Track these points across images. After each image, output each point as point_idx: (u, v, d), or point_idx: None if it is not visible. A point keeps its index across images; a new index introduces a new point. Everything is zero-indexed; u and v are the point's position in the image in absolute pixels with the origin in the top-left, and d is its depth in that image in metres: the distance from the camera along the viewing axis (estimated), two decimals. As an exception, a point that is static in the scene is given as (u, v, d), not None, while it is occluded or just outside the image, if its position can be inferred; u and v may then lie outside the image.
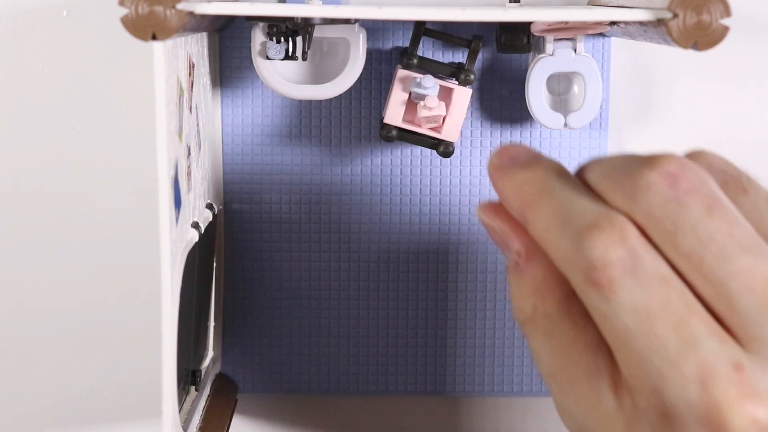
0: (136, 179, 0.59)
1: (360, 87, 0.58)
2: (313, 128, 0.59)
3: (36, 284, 0.60)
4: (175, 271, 0.43)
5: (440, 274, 0.60)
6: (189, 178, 0.48)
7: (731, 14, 0.40)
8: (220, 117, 0.58)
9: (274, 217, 0.59)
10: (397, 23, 0.58)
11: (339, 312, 0.60)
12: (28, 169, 0.59)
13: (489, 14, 0.42)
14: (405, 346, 0.60)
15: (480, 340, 0.60)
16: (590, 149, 0.59)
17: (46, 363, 0.61)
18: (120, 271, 0.60)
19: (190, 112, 0.49)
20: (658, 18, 0.41)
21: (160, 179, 0.41)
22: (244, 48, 0.57)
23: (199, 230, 0.49)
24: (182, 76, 0.46)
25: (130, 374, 0.61)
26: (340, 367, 0.61)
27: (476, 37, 0.56)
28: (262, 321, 0.60)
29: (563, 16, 0.45)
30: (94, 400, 0.61)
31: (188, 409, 0.52)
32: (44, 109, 0.59)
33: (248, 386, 0.61)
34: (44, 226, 0.60)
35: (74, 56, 0.58)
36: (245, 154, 0.59)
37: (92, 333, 0.61)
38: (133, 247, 0.60)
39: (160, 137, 0.41)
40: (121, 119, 0.59)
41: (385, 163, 0.59)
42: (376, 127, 0.58)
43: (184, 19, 0.40)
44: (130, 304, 0.60)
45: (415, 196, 0.59)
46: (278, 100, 0.58)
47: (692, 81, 0.60)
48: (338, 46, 0.55)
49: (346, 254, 0.60)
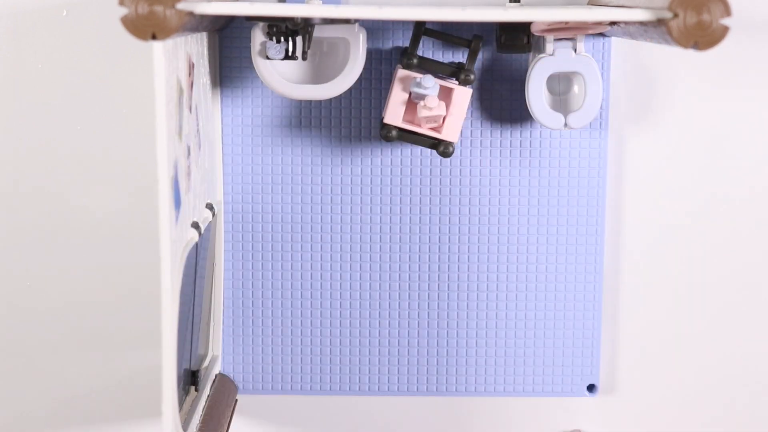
0: (136, 179, 0.59)
1: (360, 87, 0.58)
2: (313, 128, 0.59)
3: (36, 284, 0.60)
4: (175, 271, 0.43)
5: (440, 274, 0.60)
6: (189, 178, 0.48)
7: (731, 14, 0.40)
8: (220, 117, 0.58)
9: (274, 217, 0.59)
10: (397, 23, 0.58)
11: (339, 312, 0.60)
12: (28, 169, 0.59)
13: (489, 14, 0.42)
14: (405, 346, 0.60)
15: (480, 340, 0.60)
16: (590, 149, 0.59)
17: (46, 363, 0.61)
18: (120, 271, 0.60)
19: (190, 112, 0.49)
20: (658, 18, 0.41)
21: (160, 179, 0.41)
22: (244, 48, 0.57)
23: (199, 230, 0.49)
24: (182, 76, 0.46)
25: (130, 374, 0.61)
26: (340, 367, 0.61)
27: (476, 37, 0.56)
28: (262, 321, 0.60)
29: (563, 16, 0.45)
30: (94, 400, 0.61)
31: (188, 409, 0.52)
32: (44, 109, 0.59)
33: (248, 386, 0.61)
34: (44, 226, 0.60)
35: (74, 56, 0.58)
36: (245, 154, 0.59)
37: (92, 333, 0.61)
38: (133, 247, 0.60)
39: (160, 137, 0.41)
40: (121, 119, 0.59)
41: (385, 163, 0.59)
42: (376, 127, 0.58)
43: (183, 19, 0.40)
44: (130, 304, 0.60)
45: (415, 195, 0.59)
46: (278, 100, 0.58)
47: (692, 81, 0.60)
48: (338, 46, 0.55)
49: (347, 254, 0.60)
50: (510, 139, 0.59)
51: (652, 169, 0.60)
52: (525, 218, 0.59)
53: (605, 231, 0.60)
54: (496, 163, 0.59)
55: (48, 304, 0.61)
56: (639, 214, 0.61)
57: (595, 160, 0.59)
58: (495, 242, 0.60)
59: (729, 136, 0.60)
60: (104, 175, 0.59)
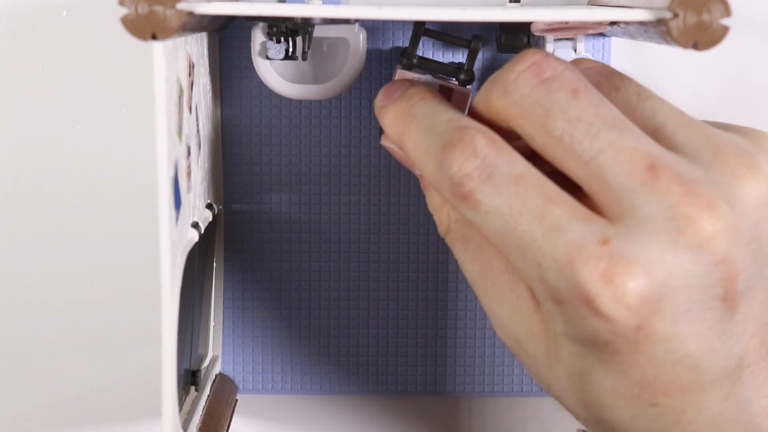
0: (136, 179, 0.59)
1: (360, 87, 0.58)
2: (313, 128, 0.59)
3: (36, 284, 0.60)
4: (175, 271, 0.43)
5: (440, 274, 0.60)
6: (189, 178, 0.48)
7: (731, 14, 0.40)
8: (220, 117, 0.58)
9: (274, 217, 0.59)
10: (397, 23, 0.58)
11: (339, 312, 0.60)
12: (28, 169, 0.59)
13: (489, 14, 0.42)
14: (405, 346, 0.60)
15: (480, 340, 0.60)
16: (590, 149, 0.59)
17: (46, 363, 0.61)
18: (120, 271, 0.60)
19: (190, 112, 0.49)
20: (658, 18, 0.41)
21: (160, 179, 0.41)
22: (244, 48, 0.57)
23: (199, 230, 0.49)
24: (182, 76, 0.46)
25: (130, 374, 0.61)
26: (340, 367, 0.61)
27: (476, 37, 0.56)
28: (262, 321, 0.60)
29: (563, 16, 0.45)
30: (94, 400, 0.61)
31: (188, 409, 0.52)
32: (44, 109, 0.59)
33: (248, 386, 0.61)
34: (44, 226, 0.60)
35: (74, 56, 0.58)
36: (245, 154, 0.59)
37: (92, 333, 0.61)
38: (133, 247, 0.60)
39: (160, 137, 0.41)
40: (121, 119, 0.59)
41: (385, 163, 0.59)
42: (376, 127, 0.58)
43: (184, 19, 0.40)
44: (130, 304, 0.60)
45: (414, 196, 0.59)
46: (278, 100, 0.58)
47: (692, 81, 0.60)
48: (338, 46, 0.55)
49: (346, 254, 0.60)
50: (510, 139, 0.59)
51: (652, 169, 0.60)
52: (525, 218, 0.59)
53: (605, 231, 0.60)
54: (496, 163, 0.59)
55: (48, 303, 0.61)
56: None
57: (595, 160, 0.59)
58: (495, 242, 0.60)
59: (729, 136, 0.60)
60: (104, 175, 0.59)
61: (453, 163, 0.37)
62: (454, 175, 0.37)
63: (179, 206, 0.45)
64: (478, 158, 0.37)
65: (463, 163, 0.37)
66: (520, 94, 0.38)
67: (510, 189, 0.37)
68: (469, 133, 0.37)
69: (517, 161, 0.37)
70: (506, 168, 0.37)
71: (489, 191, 0.37)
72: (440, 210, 0.42)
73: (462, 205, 0.37)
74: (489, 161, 0.37)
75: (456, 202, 0.38)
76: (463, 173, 0.37)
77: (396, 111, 0.42)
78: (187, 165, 0.47)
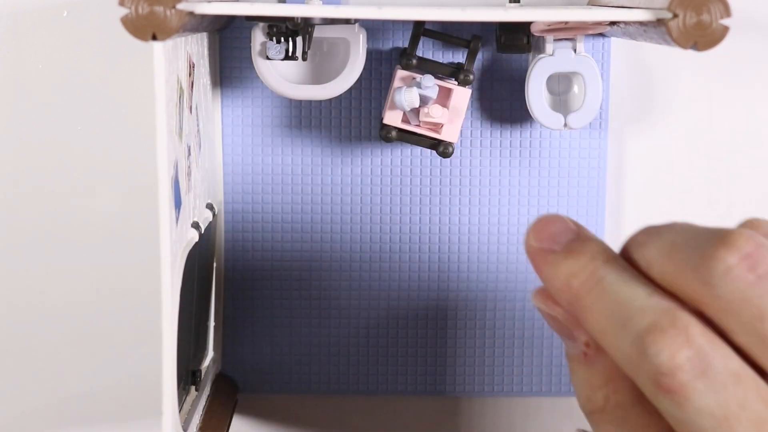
0: (136, 179, 0.59)
1: (360, 87, 0.58)
2: (313, 128, 0.59)
3: (36, 284, 0.60)
4: (175, 271, 0.43)
5: (440, 274, 0.60)
6: (189, 178, 0.48)
7: (731, 14, 0.40)
8: (220, 117, 0.58)
9: (275, 217, 0.59)
10: (397, 23, 0.58)
11: (339, 312, 0.60)
12: (28, 169, 0.59)
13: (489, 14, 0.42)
14: (405, 346, 0.60)
15: (480, 340, 0.60)
16: (590, 149, 0.59)
17: (46, 363, 0.61)
18: (120, 271, 0.60)
19: (190, 112, 0.49)
20: (658, 18, 0.41)
21: (160, 179, 0.41)
22: (244, 48, 0.57)
23: (199, 230, 0.49)
24: (182, 76, 0.46)
25: (130, 374, 0.61)
26: (340, 367, 0.61)
27: (475, 37, 0.56)
28: (262, 321, 0.60)
29: (563, 16, 0.45)
30: (94, 400, 0.61)
31: (188, 409, 0.52)
32: (44, 109, 0.59)
33: (248, 386, 0.61)
34: (44, 226, 0.60)
35: (74, 56, 0.58)
36: (245, 154, 0.59)
37: (92, 333, 0.61)
38: (133, 247, 0.60)
39: (160, 137, 0.41)
40: (121, 119, 0.59)
41: (385, 163, 0.59)
42: (376, 127, 0.58)
43: (184, 19, 0.40)
44: (130, 304, 0.60)
45: (415, 196, 0.59)
46: (278, 100, 0.58)
47: (692, 81, 0.60)
48: (338, 46, 0.55)
49: (346, 254, 0.60)
50: (510, 139, 0.59)
51: (652, 169, 0.60)
52: (525, 218, 0.59)
53: (605, 231, 0.60)
54: (496, 163, 0.59)
55: (48, 303, 0.61)
56: (639, 215, 0.61)
57: (595, 160, 0.59)
58: (495, 242, 0.60)
59: (729, 136, 0.60)
60: (104, 175, 0.59)
61: (662, 349, 0.33)
62: (663, 363, 0.33)
63: (179, 206, 0.45)
64: (692, 349, 0.33)
65: (673, 352, 0.33)
66: (730, 290, 0.33)
67: (728, 389, 0.33)
68: (683, 320, 0.33)
69: (732, 357, 0.33)
70: (722, 364, 0.33)
71: (703, 388, 0.33)
72: (597, 390, 0.37)
73: (665, 397, 0.33)
74: (705, 353, 0.33)
75: (656, 392, 0.33)
76: (675, 363, 0.33)
77: (574, 269, 0.36)
78: (187, 165, 0.47)
